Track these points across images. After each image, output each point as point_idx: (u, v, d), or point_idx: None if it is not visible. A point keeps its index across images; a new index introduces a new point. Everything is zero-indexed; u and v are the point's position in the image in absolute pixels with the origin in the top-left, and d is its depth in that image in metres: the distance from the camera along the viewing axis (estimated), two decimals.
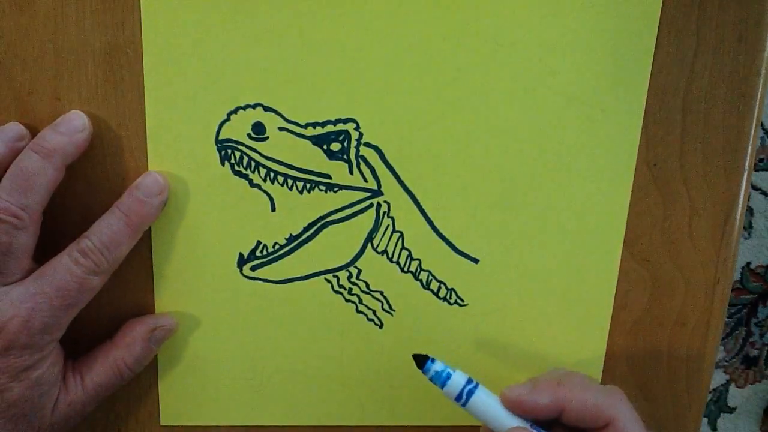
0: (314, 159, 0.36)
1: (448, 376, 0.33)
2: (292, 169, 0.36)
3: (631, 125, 0.36)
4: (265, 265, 0.37)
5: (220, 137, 0.35)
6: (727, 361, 1.03)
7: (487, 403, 0.32)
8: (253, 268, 0.37)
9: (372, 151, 0.36)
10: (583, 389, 0.33)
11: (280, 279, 0.37)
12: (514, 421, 0.32)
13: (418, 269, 0.38)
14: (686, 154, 0.37)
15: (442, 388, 0.33)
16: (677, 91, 0.36)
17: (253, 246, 0.37)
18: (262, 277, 0.37)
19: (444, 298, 0.38)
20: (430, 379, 0.33)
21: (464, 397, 0.32)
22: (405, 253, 0.37)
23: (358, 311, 0.38)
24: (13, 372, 0.32)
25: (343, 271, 0.37)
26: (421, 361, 0.34)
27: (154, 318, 0.37)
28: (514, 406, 0.32)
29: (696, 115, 0.36)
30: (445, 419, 0.40)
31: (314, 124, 0.35)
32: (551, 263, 0.38)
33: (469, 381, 0.33)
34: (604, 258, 0.38)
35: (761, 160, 0.95)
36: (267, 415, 0.40)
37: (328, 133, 0.35)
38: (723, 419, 1.06)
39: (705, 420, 1.05)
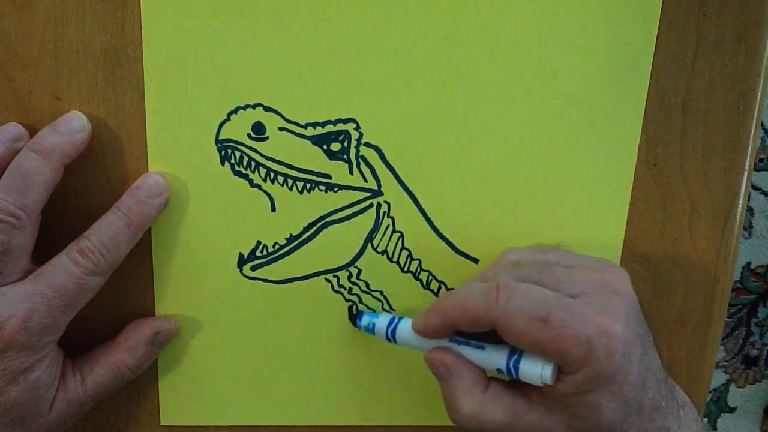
0: (314, 159, 0.36)
1: (373, 327, 0.36)
2: (292, 169, 0.36)
3: (631, 125, 0.36)
4: (265, 265, 0.37)
5: (220, 137, 0.35)
6: (727, 361, 1.03)
7: (409, 336, 0.34)
8: (253, 268, 0.37)
9: (372, 151, 0.36)
10: (463, 298, 0.31)
11: (280, 279, 0.37)
12: (432, 345, 0.33)
13: (418, 269, 0.38)
14: (686, 154, 0.37)
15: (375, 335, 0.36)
16: (677, 91, 0.36)
17: (253, 246, 0.37)
18: (262, 277, 0.37)
19: None
20: (366, 332, 0.36)
21: (391, 338, 0.35)
22: (405, 253, 0.37)
23: (358, 311, 0.38)
24: (11, 374, 0.31)
25: (343, 270, 0.37)
26: (353, 319, 0.37)
27: (157, 321, 0.37)
28: (422, 335, 0.33)
29: (696, 115, 0.36)
30: (445, 419, 0.40)
31: (314, 124, 0.35)
32: None
33: (390, 322, 0.35)
34: (605, 258, 0.38)
35: (761, 160, 0.95)
36: (267, 415, 0.40)
37: (328, 133, 0.35)
38: (723, 419, 1.06)
39: (705, 420, 1.05)
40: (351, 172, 0.36)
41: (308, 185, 0.36)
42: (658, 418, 0.31)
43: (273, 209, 0.36)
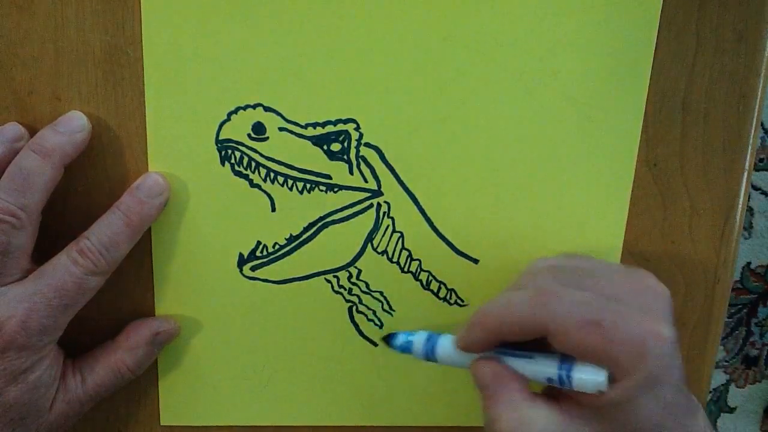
0: (314, 159, 0.36)
1: (411, 344, 0.33)
2: (292, 169, 0.36)
3: (631, 125, 0.36)
4: (265, 265, 0.37)
5: (221, 137, 0.35)
6: (727, 361, 1.03)
7: (451, 352, 0.32)
8: (253, 268, 0.37)
9: (372, 151, 0.36)
10: (507, 308, 0.30)
11: (280, 279, 0.37)
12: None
13: (418, 269, 0.38)
14: (686, 154, 0.37)
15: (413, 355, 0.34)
16: (677, 91, 0.36)
17: (253, 246, 0.37)
18: (262, 277, 0.37)
19: (444, 299, 0.38)
20: (402, 352, 0.34)
21: (431, 356, 0.33)
22: (405, 253, 0.37)
23: (358, 311, 0.38)
24: (10, 375, 0.31)
25: (343, 271, 0.37)
26: (387, 340, 0.34)
27: (157, 321, 0.37)
28: (468, 350, 0.31)
29: (696, 115, 0.36)
30: (445, 419, 0.40)
31: (314, 125, 0.35)
32: None
33: (428, 339, 0.33)
34: (604, 258, 0.38)
35: (761, 160, 0.95)
36: (267, 415, 0.40)
37: (329, 134, 0.35)
38: (723, 419, 1.06)
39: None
40: (351, 172, 0.36)
41: (308, 185, 0.36)
42: (690, 421, 0.30)
43: (273, 209, 0.36)
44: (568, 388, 0.29)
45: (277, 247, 0.37)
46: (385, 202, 0.36)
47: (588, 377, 0.28)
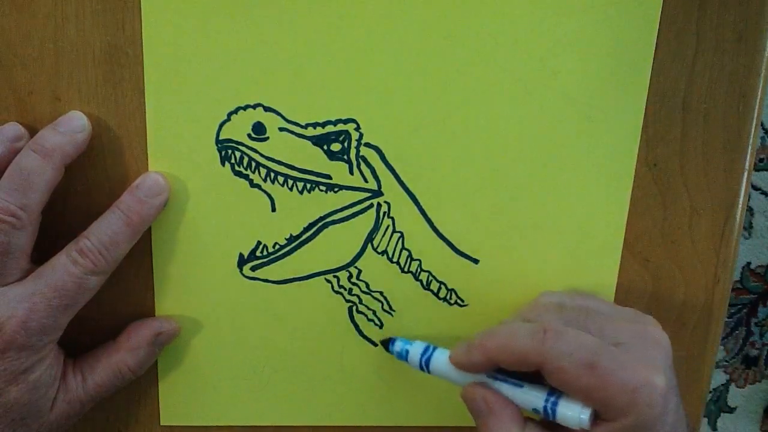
0: (314, 159, 0.36)
1: (407, 353, 0.35)
2: (292, 169, 0.36)
3: (631, 125, 0.36)
4: (266, 265, 0.37)
5: (221, 137, 0.35)
6: (727, 361, 1.03)
7: (445, 367, 0.33)
8: (253, 268, 0.37)
9: (372, 151, 0.36)
10: (509, 337, 0.31)
11: (280, 279, 0.37)
12: (470, 379, 0.33)
13: (419, 269, 0.38)
14: (686, 154, 0.37)
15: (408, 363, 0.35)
16: (677, 91, 0.36)
17: (253, 246, 0.37)
18: (262, 277, 0.37)
19: (444, 299, 0.38)
20: (398, 358, 0.36)
21: (425, 367, 0.34)
22: (405, 253, 0.37)
23: (358, 311, 0.38)
24: (11, 375, 0.31)
25: (344, 271, 0.37)
26: (386, 344, 0.36)
27: (158, 321, 0.37)
28: (463, 369, 0.33)
29: (696, 115, 0.36)
30: (445, 419, 0.40)
31: (314, 125, 0.35)
32: (551, 263, 0.38)
33: (425, 351, 0.34)
34: (604, 258, 0.38)
35: (761, 160, 0.95)
36: (267, 415, 0.40)
37: (329, 134, 0.35)
38: (723, 419, 1.06)
39: (705, 420, 1.05)
40: (351, 172, 0.36)
41: (308, 185, 0.36)
42: None
43: (273, 209, 0.36)
44: (552, 420, 0.31)
45: (277, 247, 0.37)
46: (385, 202, 0.36)
47: (571, 413, 0.30)
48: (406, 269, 0.38)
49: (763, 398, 1.05)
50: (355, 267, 0.37)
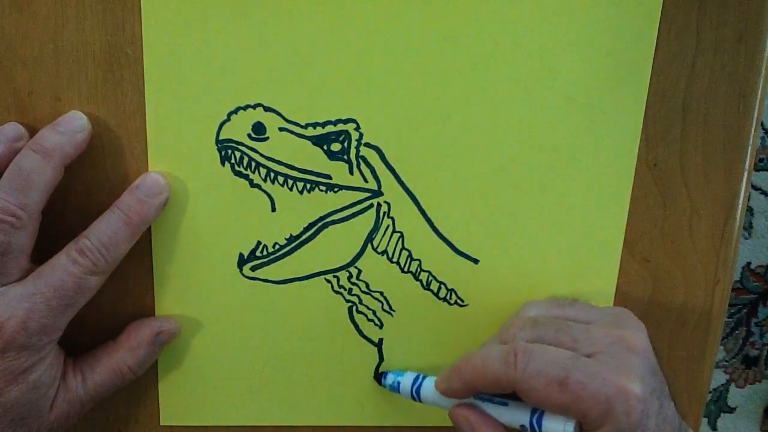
0: (314, 159, 0.36)
1: (398, 385, 0.37)
2: (292, 169, 0.36)
3: (631, 125, 0.36)
4: (265, 266, 0.37)
5: (221, 137, 0.35)
6: (727, 361, 1.03)
7: (433, 395, 0.35)
8: (253, 269, 0.37)
9: (372, 151, 0.36)
10: (482, 363, 0.31)
11: (280, 279, 0.37)
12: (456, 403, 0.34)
13: (418, 269, 0.38)
14: (686, 154, 0.37)
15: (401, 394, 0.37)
16: (677, 91, 0.36)
17: (253, 246, 0.37)
18: (262, 277, 0.37)
19: (444, 299, 0.38)
20: (391, 391, 0.37)
21: (416, 396, 0.36)
22: (405, 253, 0.37)
23: (358, 311, 0.38)
24: (11, 374, 0.31)
25: (343, 271, 0.37)
26: (378, 379, 0.38)
27: (158, 321, 0.37)
28: (446, 396, 0.33)
29: (696, 115, 0.36)
30: (445, 419, 0.40)
31: (314, 125, 0.35)
32: (551, 263, 0.38)
33: (415, 381, 0.36)
34: (604, 258, 0.38)
35: (761, 160, 0.95)
36: (267, 415, 0.40)
37: (329, 134, 0.35)
38: (723, 419, 1.06)
39: (705, 420, 1.05)
40: (351, 172, 0.36)
41: (308, 185, 0.36)
42: None
43: (273, 209, 0.36)
44: None
45: (277, 247, 0.37)
46: (385, 202, 0.36)
47: (556, 427, 0.30)
48: (406, 269, 0.38)
49: (763, 398, 1.05)
50: (355, 267, 0.37)
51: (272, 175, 0.36)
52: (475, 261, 0.38)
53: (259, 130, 0.35)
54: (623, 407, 0.29)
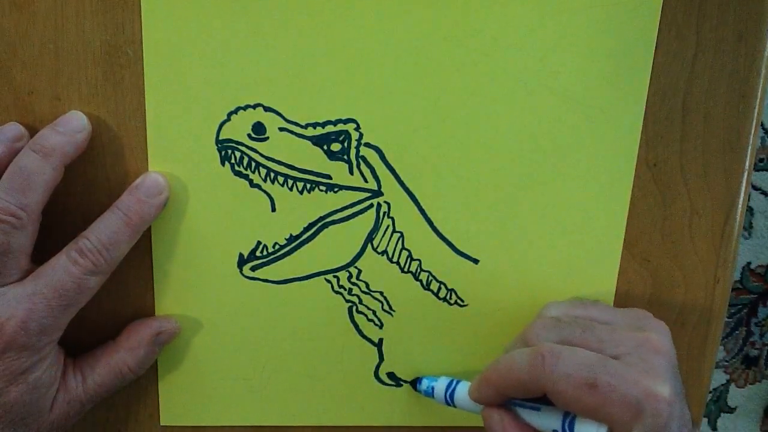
0: (314, 159, 0.36)
1: (432, 390, 0.37)
2: (292, 169, 0.36)
3: (631, 125, 0.36)
4: (265, 266, 0.37)
5: (221, 137, 0.35)
6: (727, 361, 1.03)
7: (466, 401, 0.34)
8: (253, 269, 0.37)
9: (372, 151, 0.36)
10: (509, 368, 0.31)
11: (280, 279, 0.37)
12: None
13: (418, 269, 0.38)
14: (686, 154, 0.37)
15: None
16: (677, 91, 0.36)
17: (253, 246, 0.37)
18: (262, 278, 0.37)
19: (444, 299, 0.38)
20: (425, 396, 0.38)
21: (450, 402, 0.36)
22: (405, 253, 0.37)
23: (358, 311, 0.38)
24: (11, 375, 0.31)
25: (343, 271, 0.37)
26: (413, 384, 0.39)
27: (158, 321, 0.37)
28: (478, 402, 0.33)
29: (696, 115, 0.36)
30: (445, 419, 0.40)
31: (314, 125, 0.35)
32: (551, 263, 0.38)
33: (449, 386, 0.36)
34: (604, 258, 0.38)
35: (761, 160, 0.95)
36: (267, 416, 0.40)
37: (329, 134, 0.35)
38: (723, 419, 1.06)
39: (705, 420, 1.05)
40: (351, 172, 0.36)
41: (308, 185, 0.36)
42: None
43: (273, 209, 0.36)
44: None
45: (277, 247, 0.37)
46: (385, 202, 0.36)
47: (588, 431, 0.30)
48: (406, 269, 0.38)
49: (763, 398, 1.05)
50: (355, 267, 0.37)
51: (272, 175, 0.36)
52: (475, 261, 0.38)
53: (259, 130, 0.35)
54: (653, 410, 0.29)
